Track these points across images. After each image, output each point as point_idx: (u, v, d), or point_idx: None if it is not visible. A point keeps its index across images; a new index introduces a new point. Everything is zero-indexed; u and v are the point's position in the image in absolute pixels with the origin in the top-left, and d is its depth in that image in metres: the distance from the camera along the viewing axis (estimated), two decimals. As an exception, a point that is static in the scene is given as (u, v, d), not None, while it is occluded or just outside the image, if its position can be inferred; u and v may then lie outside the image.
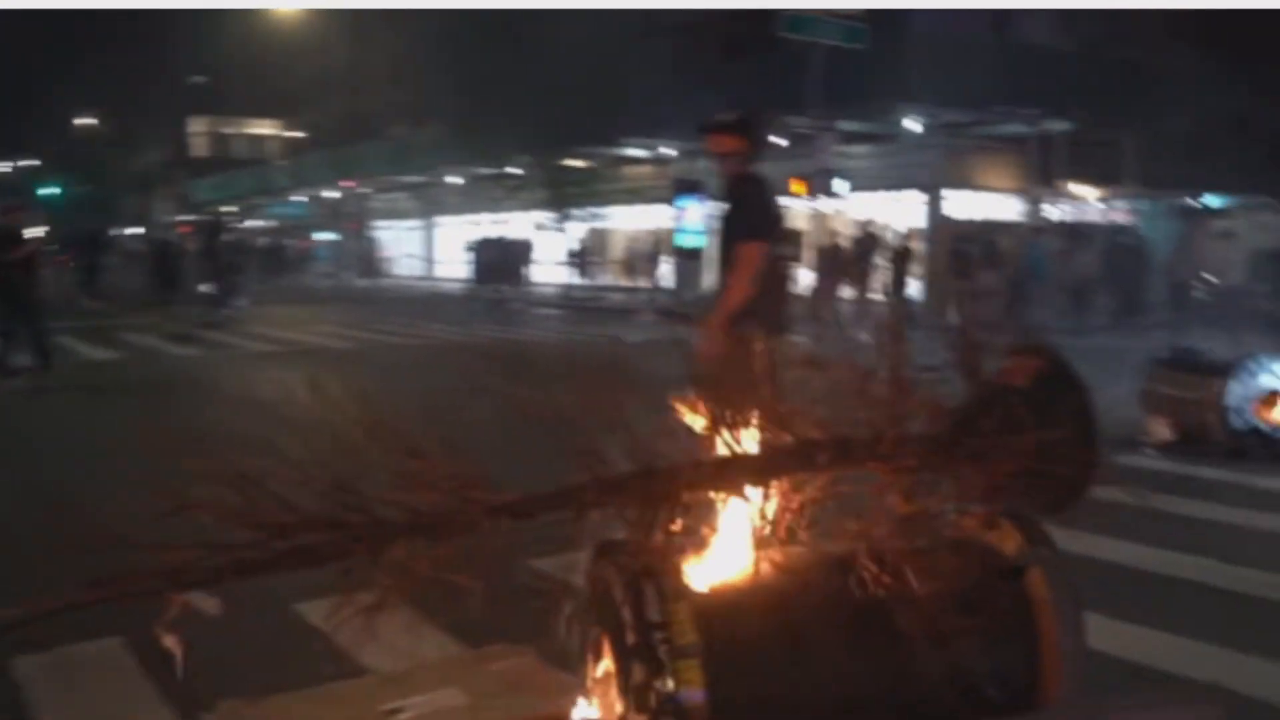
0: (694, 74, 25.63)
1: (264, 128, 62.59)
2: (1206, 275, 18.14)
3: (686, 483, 2.70)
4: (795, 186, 19.85)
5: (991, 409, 2.73)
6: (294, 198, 51.78)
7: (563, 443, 2.66)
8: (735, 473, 2.73)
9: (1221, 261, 18.36)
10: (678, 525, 2.70)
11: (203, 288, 21.46)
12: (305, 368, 13.28)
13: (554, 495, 2.61)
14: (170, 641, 2.22)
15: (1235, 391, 7.63)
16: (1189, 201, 28.04)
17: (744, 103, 23.27)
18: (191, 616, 2.29)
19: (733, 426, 2.80)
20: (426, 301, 29.08)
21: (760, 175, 5.28)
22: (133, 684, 3.75)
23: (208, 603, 2.28)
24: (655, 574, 2.58)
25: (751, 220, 5.16)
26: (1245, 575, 4.97)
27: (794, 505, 2.79)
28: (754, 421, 2.81)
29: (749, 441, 2.81)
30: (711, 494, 2.75)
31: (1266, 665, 3.92)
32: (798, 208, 20.57)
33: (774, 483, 2.77)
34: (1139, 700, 2.52)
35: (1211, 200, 28.22)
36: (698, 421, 2.86)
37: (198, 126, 63.15)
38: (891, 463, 2.71)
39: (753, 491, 2.75)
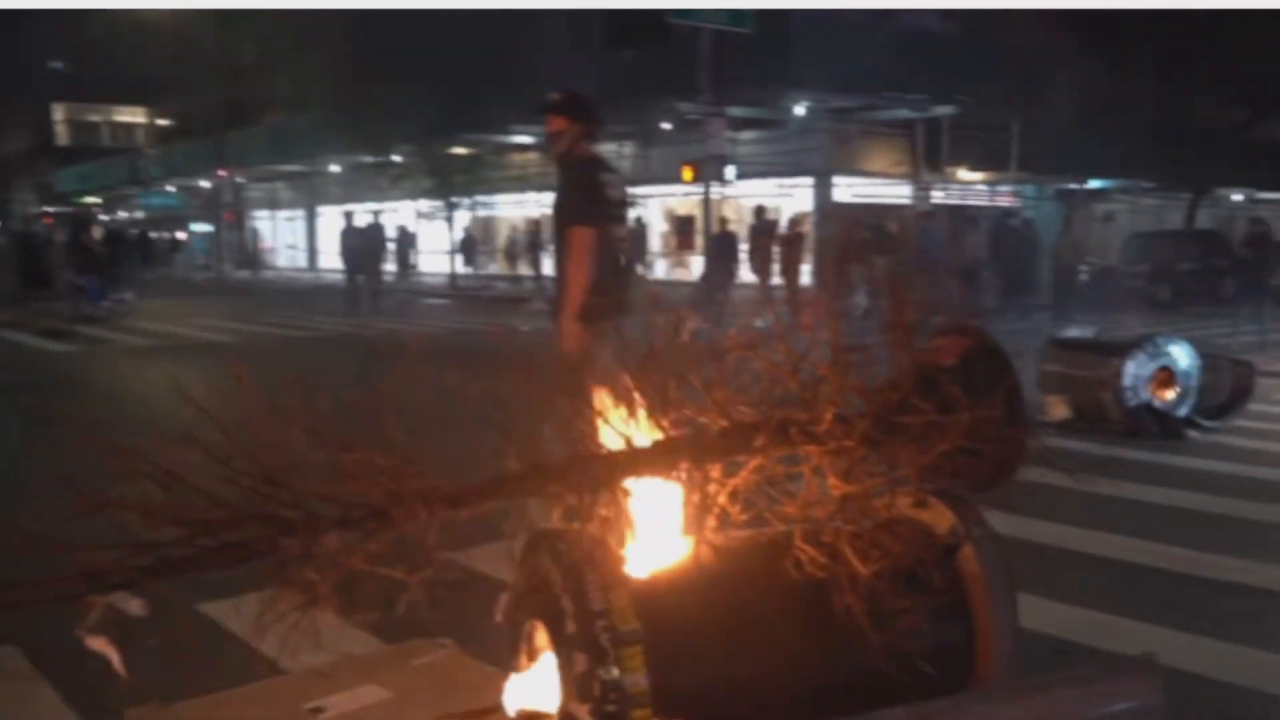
0: (583, 60, 25.50)
1: (132, 115, 60.25)
2: (1090, 258, 18.80)
3: (624, 469, 2.67)
4: (685, 173, 19.90)
5: (924, 389, 2.75)
6: (167, 188, 50.03)
7: (495, 432, 2.60)
8: (672, 457, 2.70)
9: (1102, 244, 19.06)
10: (616, 512, 2.66)
11: (73, 280, 20.59)
12: (195, 362, 12.83)
13: (492, 484, 2.55)
14: (99, 644, 2.10)
15: (1130, 371, 7.91)
16: (1071, 185, 29.06)
17: (633, 89, 23.34)
18: (110, 620, 2.17)
19: (664, 413, 2.77)
20: (309, 293, 28.43)
21: (591, 157, 5.17)
22: (34, 692, 3.57)
23: (132, 604, 2.15)
24: (595, 562, 2.55)
25: (579, 205, 5.02)
26: (1153, 550, 5.14)
27: (732, 488, 2.77)
28: (679, 407, 2.79)
29: (682, 427, 2.79)
30: (649, 479, 2.72)
31: (1184, 636, 4.06)
32: (689, 194, 20.69)
33: (711, 466, 2.75)
34: (1073, 675, 2.57)
35: (1093, 184, 29.29)
36: (618, 410, 2.82)
37: (60, 114, 60.48)
38: (827, 444, 2.71)
39: (691, 476, 2.73)
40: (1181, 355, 8.12)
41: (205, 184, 44.80)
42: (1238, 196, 37.93)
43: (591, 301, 4.84)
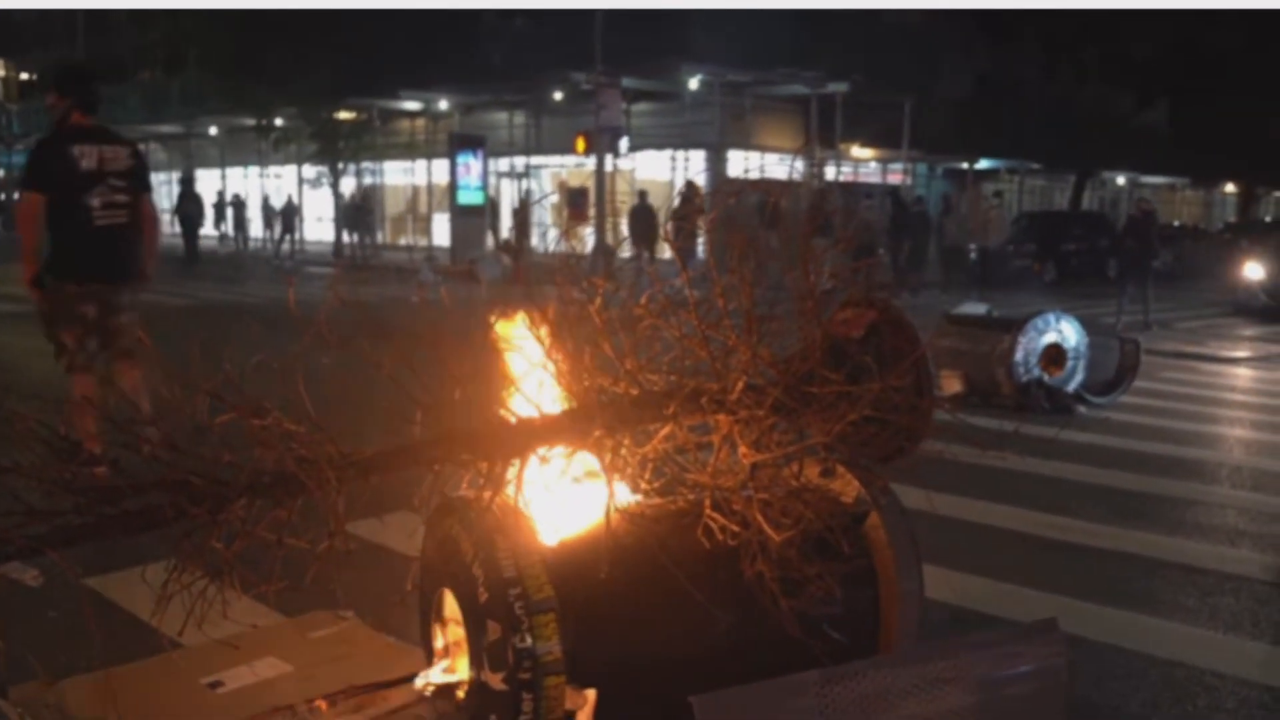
0: (474, 26, 25.13)
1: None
2: (979, 236, 19.29)
3: (536, 437, 2.65)
4: (578, 144, 19.80)
5: (833, 360, 2.79)
6: (25, 147, 47.73)
7: (405, 401, 2.56)
8: (584, 425, 2.69)
9: (991, 223, 19.57)
10: (528, 480, 2.64)
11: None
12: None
13: (402, 451, 2.51)
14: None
15: (1022, 347, 8.16)
16: (962, 165, 29.78)
17: (523, 58, 23.04)
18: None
19: (576, 380, 2.76)
20: (186, 260, 27.48)
21: (73, 127, 5.46)
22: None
23: (27, 575, 2.06)
24: (506, 529, 2.53)
25: (27, 173, 5.56)
26: (1046, 520, 5.32)
27: (643, 456, 2.77)
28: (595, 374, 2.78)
29: (594, 395, 2.78)
30: (561, 447, 2.70)
31: (1078, 603, 4.21)
32: (580, 165, 20.56)
33: (623, 434, 2.74)
34: (977, 639, 2.64)
35: (983, 164, 30.06)
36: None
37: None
38: (738, 413, 2.73)
39: (603, 444, 2.72)
40: (1070, 332, 8.38)
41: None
42: (1121, 180, 39.45)
43: (66, 263, 5.34)
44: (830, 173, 25.48)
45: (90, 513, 2.09)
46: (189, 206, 27.04)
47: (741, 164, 25.05)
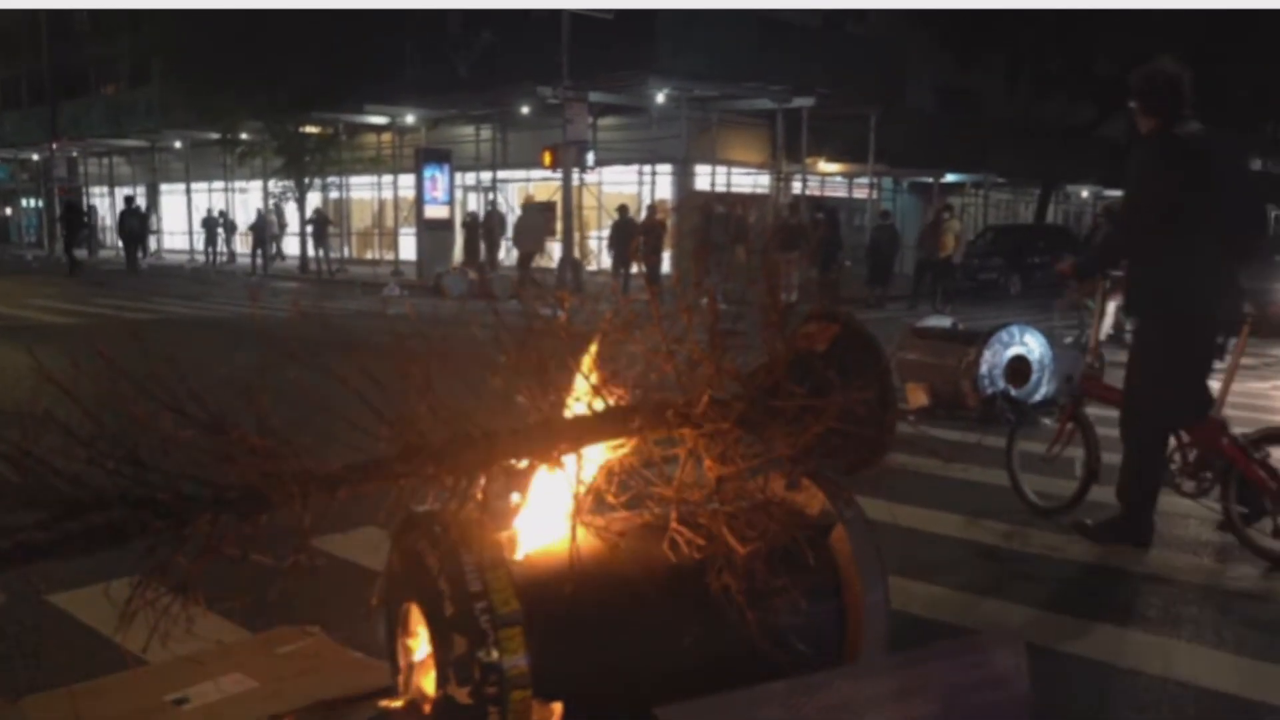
0: (439, 40, 25.12)
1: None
2: (942, 250, 19.47)
3: (501, 450, 2.66)
4: (545, 157, 19.82)
5: (798, 373, 2.82)
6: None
7: (370, 414, 2.56)
8: (550, 439, 2.71)
9: (955, 237, 19.77)
10: (492, 494, 2.65)
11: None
12: (38, 344, 12.08)
13: (368, 466, 2.51)
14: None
15: (987, 359, 8.24)
16: (927, 179, 30.03)
17: (490, 73, 23.01)
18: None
19: (541, 394, 2.77)
20: (151, 274, 27.29)
21: None
22: None
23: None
24: (472, 543, 2.53)
25: None
26: (1011, 531, 5.36)
27: (609, 470, 2.79)
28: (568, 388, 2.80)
29: (559, 409, 2.80)
30: (527, 461, 2.71)
31: (1043, 614, 4.24)
32: (548, 179, 20.54)
33: (589, 448, 2.76)
34: (941, 648, 2.67)
35: (948, 177, 30.32)
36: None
37: None
38: (704, 427, 2.75)
39: (568, 458, 2.73)
40: (1035, 345, 8.46)
41: (35, 156, 42.45)
42: (1085, 192, 39.85)
43: None
44: (796, 187, 25.63)
45: (53, 528, 2.08)
46: (131, 222, 28.04)
47: (708, 179, 25.16)
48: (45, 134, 39.29)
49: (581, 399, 2.83)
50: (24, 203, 46.13)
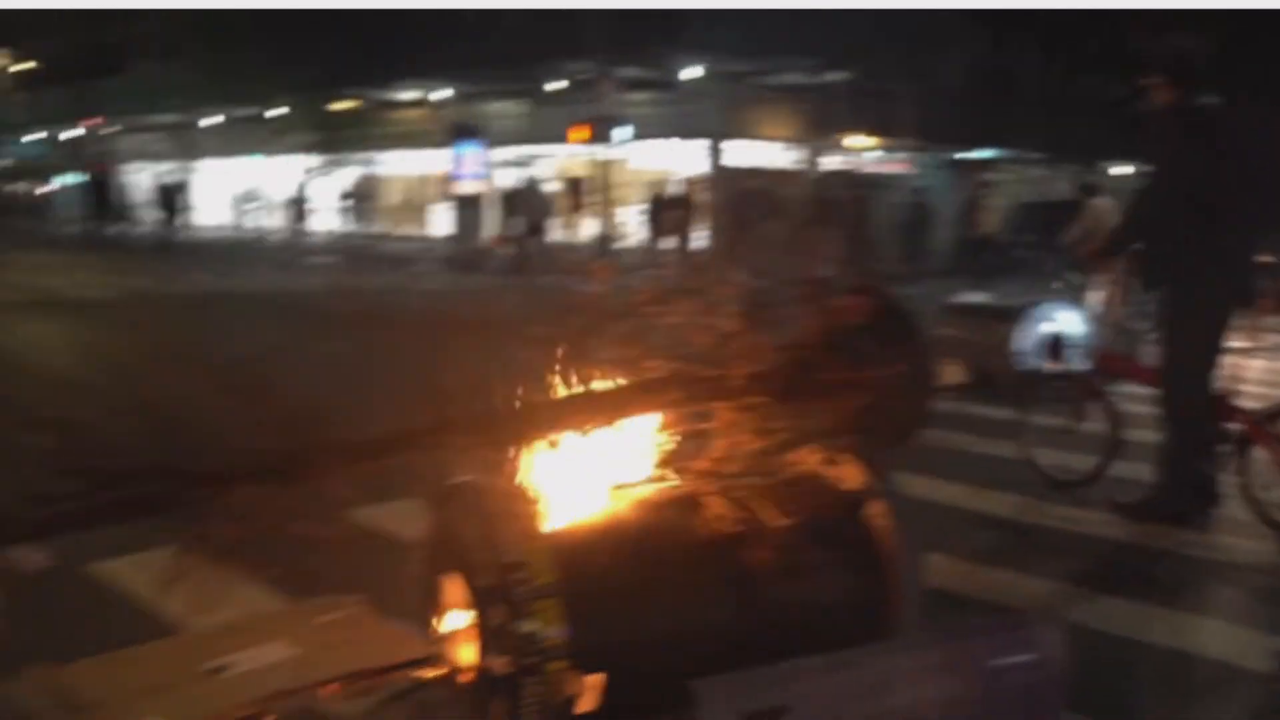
0: (469, 15, 25.04)
1: (-8, 57, 57.02)
2: (980, 226, 19.30)
3: (539, 422, 2.66)
4: (575, 133, 19.76)
5: (835, 346, 2.79)
6: (26, 138, 47.63)
7: (410, 385, 2.57)
8: (586, 411, 2.70)
9: (990, 213, 19.58)
10: (532, 465, 2.65)
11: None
12: (75, 318, 12.14)
13: (406, 436, 2.51)
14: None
15: (1021, 336, 8.15)
16: (961, 155, 29.70)
17: (522, 48, 22.94)
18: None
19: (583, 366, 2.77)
20: (188, 249, 27.50)
21: None
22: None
23: (30, 559, 2.07)
24: (511, 514, 2.53)
25: None
26: (1049, 510, 5.31)
27: (645, 443, 2.78)
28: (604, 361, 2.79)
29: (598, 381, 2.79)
30: (563, 433, 2.71)
31: (1081, 592, 4.21)
32: (575, 155, 20.45)
33: (625, 421, 2.75)
34: (978, 626, 2.65)
35: (981, 153, 29.98)
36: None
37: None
38: (739, 400, 2.74)
39: (604, 430, 2.73)
40: (1071, 321, 8.36)
41: (72, 133, 42.85)
42: (1124, 169, 39.24)
43: None
44: (832, 162, 25.42)
45: (91, 497, 2.10)
46: (169, 197, 29.16)
47: (741, 153, 24.98)
48: (82, 111, 39.64)
49: (618, 371, 2.82)
50: (58, 181, 46.55)
